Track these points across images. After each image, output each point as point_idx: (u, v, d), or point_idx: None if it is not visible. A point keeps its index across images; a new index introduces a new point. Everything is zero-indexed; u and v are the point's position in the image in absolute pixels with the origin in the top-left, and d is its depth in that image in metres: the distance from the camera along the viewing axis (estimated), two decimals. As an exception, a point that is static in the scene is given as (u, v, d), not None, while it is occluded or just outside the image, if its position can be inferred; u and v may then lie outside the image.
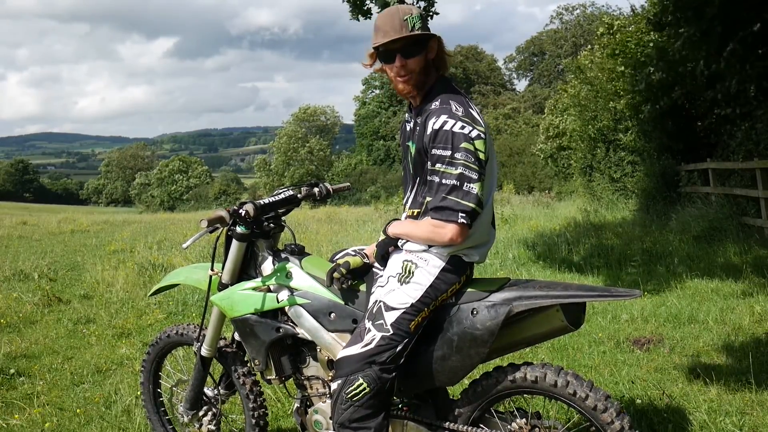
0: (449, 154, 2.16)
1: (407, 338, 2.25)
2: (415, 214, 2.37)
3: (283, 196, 2.73)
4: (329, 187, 2.95)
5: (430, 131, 2.21)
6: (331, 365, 2.48)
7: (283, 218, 2.75)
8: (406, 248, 2.34)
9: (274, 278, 2.58)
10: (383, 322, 2.24)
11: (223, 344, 2.89)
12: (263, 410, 2.87)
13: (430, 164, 2.22)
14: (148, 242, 11.11)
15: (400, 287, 2.27)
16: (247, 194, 50.24)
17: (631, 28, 13.66)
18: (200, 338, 2.84)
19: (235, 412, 3.48)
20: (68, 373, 4.52)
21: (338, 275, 2.39)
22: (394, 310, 2.24)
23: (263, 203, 2.61)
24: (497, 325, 2.20)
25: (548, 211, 16.85)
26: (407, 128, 2.43)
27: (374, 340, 2.23)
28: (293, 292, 2.53)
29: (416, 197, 2.39)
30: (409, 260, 2.30)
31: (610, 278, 6.96)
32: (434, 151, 2.19)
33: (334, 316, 2.47)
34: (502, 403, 2.41)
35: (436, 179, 2.20)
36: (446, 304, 2.31)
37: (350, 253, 2.60)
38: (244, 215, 2.51)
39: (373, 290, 2.38)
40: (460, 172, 2.15)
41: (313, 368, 2.60)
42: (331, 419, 2.36)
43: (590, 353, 4.45)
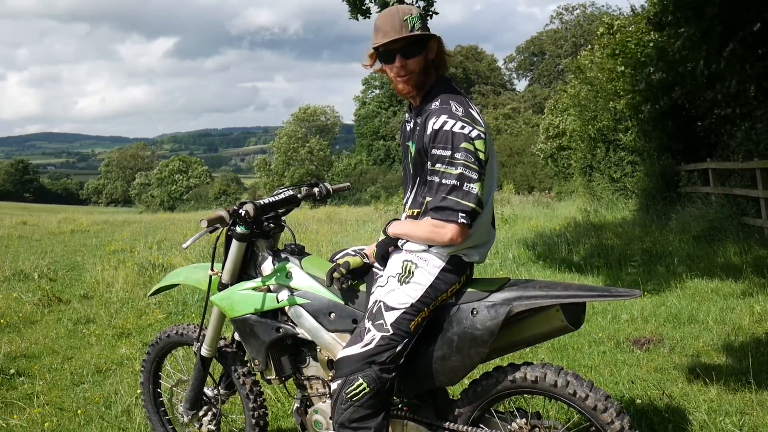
0: (449, 154, 2.16)
1: (407, 338, 2.25)
2: (415, 214, 2.37)
3: (283, 196, 2.73)
4: (329, 187, 2.95)
5: (430, 131, 2.21)
6: (331, 365, 2.48)
7: (283, 218, 2.75)
8: (406, 248, 2.34)
9: (274, 278, 2.58)
10: (383, 322, 2.24)
11: (223, 344, 2.89)
12: (263, 410, 2.87)
13: (430, 164, 2.22)
14: (148, 242, 11.12)
15: (400, 287, 2.27)
16: (247, 194, 50.24)
17: (631, 28, 13.66)
18: (200, 338, 2.84)
19: (235, 412, 3.48)
20: (68, 373, 4.52)
21: (338, 275, 2.40)
22: (394, 310, 2.24)
23: (263, 203, 2.61)
24: (497, 325, 2.20)
25: (548, 211, 16.85)
26: (407, 128, 2.43)
27: (374, 340, 2.23)
28: (293, 292, 2.53)
29: (416, 197, 2.38)
30: (409, 260, 2.30)
31: (610, 278, 6.96)
32: (434, 151, 2.19)
33: (334, 316, 2.47)
34: (502, 403, 2.41)
35: (436, 179, 2.19)
36: (446, 304, 2.31)
37: (350, 253, 2.61)
38: (244, 215, 2.51)
39: (373, 290, 2.38)
40: (460, 172, 2.15)
41: (313, 368, 2.60)
42: (331, 419, 2.36)
43: (590, 353, 4.45)
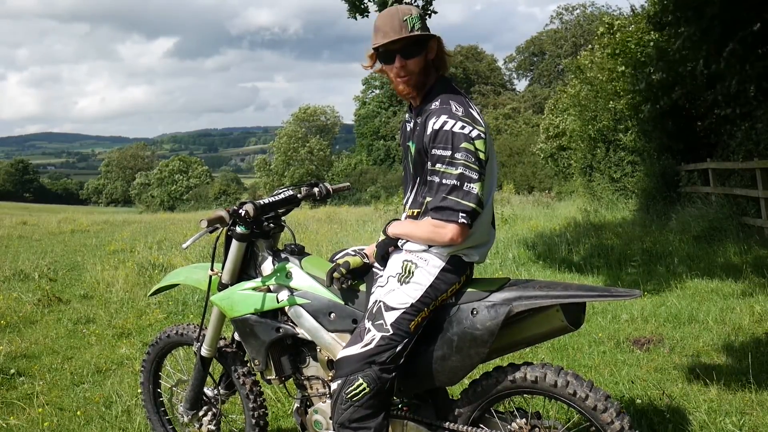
0: (449, 154, 2.16)
1: (407, 338, 2.25)
2: (415, 214, 2.37)
3: (282, 196, 2.73)
4: (329, 187, 2.95)
5: (430, 131, 2.21)
6: (331, 365, 2.48)
7: (283, 218, 2.75)
8: (406, 248, 2.34)
9: (274, 278, 2.58)
10: (383, 322, 2.24)
11: (223, 344, 2.89)
12: (263, 410, 2.87)
13: (430, 164, 2.22)
14: (148, 242, 11.12)
15: (399, 287, 2.27)
16: (247, 194, 50.24)
17: (631, 27, 13.66)
18: (200, 338, 2.84)
19: (235, 412, 3.48)
20: (68, 373, 4.52)
21: (338, 275, 2.40)
22: (394, 310, 2.24)
23: (263, 203, 2.60)
24: (497, 325, 2.20)
25: (548, 211, 16.85)
26: (407, 128, 2.43)
27: (374, 340, 2.23)
28: (293, 292, 2.53)
29: (416, 197, 2.38)
30: (409, 260, 2.30)
31: (610, 278, 6.96)
32: (434, 151, 2.19)
33: (334, 316, 2.47)
34: (502, 403, 2.41)
35: (436, 179, 2.19)
36: (446, 304, 2.31)
37: (350, 253, 2.61)
38: (243, 215, 2.51)
39: (373, 290, 2.38)
40: (460, 172, 2.15)
41: (313, 368, 2.60)
42: (331, 419, 2.36)
43: (590, 353, 4.45)
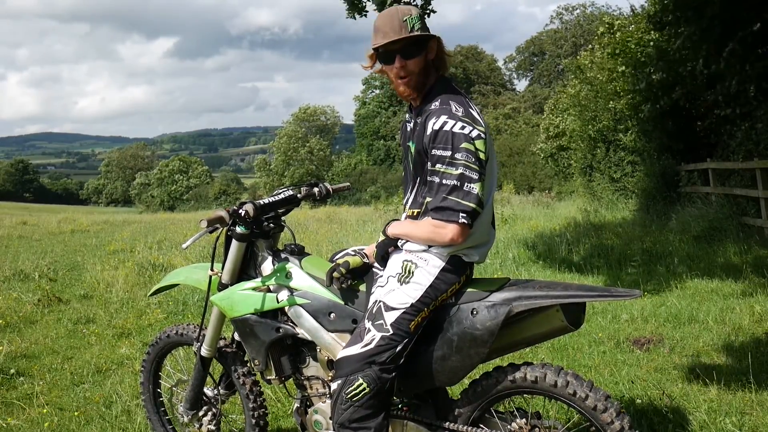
0: (449, 154, 2.16)
1: (407, 338, 2.25)
2: (415, 214, 2.37)
3: (282, 196, 2.73)
4: (329, 187, 2.95)
5: (430, 132, 2.21)
6: (331, 365, 2.48)
7: (282, 218, 2.75)
8: (406, 248, 2.34)
9: (273, 278, 2.58)
10: (383, 322, 2.24)
11: (223, 344, 2.89)
12: (263, 410, 2.87)
13: (430, 165, 2.22)
14: (148, 242, 11.12)
15: (399, 287, 2.27)
16: (247, 194, 50.24)
17: (631, 27, 13.66)
18: (200, 338, 2.84)
19: (235, 412, 3.48)
20: (68, 373, 4.52)
21: (338, 275, 2.39)
22: (393, 310, 2.24)
23: (263, 203, 2.60)
24: (497, 325, 2.20)
25: (548, 211, 16.85)
26: (407, 128, 2.43)
27: (374, 340, 2.23)
28: (293, 292, 2.53)
29: (416, 197, 2.38)
30: (408, 260, 2.30)
31: (610, 278, 6.96)
32: (434, 151, 2.19)
33: (333, 316, 2.47)
34: (502, 403, 2.41)
35: (436, 179, 2.19)
36: (446, 304, 2.31)
37: (350, 253, 2.60)
38: (243, 215, 2.51)
39: (372, 290, 2.38)
40: (460, 172, 2.15)
41: (313, 368, 2.60)
42: (331, 419, 2.36)
43: (590, 353, 4.44)
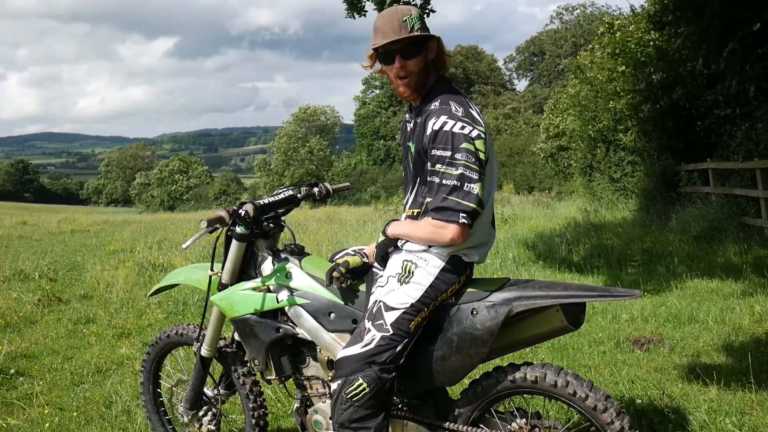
0: (449, 154, 2.16)
1: (407, 338, 2.25)
2: (415, 214, 2.37)
3: (282, 196, 2.73)
4: (329, 187, 2.95)
5: (429, 132, 2.21)
6: (330, 365, 2.48)
7: (282, 218, 2.75)
8: (405, 248, 2.34)
9: (273, 278, 2.58)
10: (383, 322, 2.24)
11: (223, 344, 2.90)
12: (263, 410, 2.87)
13: (430, 165, 2.22)
14: (148, 242, 11.12)
15: (399, 287, 2.27)
16: (247, 194, 50.24)
17: (631, 27, 13.66)
18: (200, 338, 2.84)
19: (235, 412, 3.48)
20: (68, 373, 4.52)
21: (337, 274, 2.39)
22: (393, 310, 2.24)
23: (263, 203, 2.60)
24: (497, 325, 2.20)
25: (548, 211, 16.85)
26: (408, 128, 2.43)
27: (374, 340, 2.23)
28: (293, 292, 2.53)
29: (416, 197, 2.38)
30: (408, 260, 2.30)
31: (610, 278, 6.96)
32: (434, 151, 2.19)
33: (333, 316, 2.47)
34: (502, 403, 2.40)
35: (436, 180, 2.19)
36: (446, 304, 2.31)
37: (350, 253, 2.60)
38: (243, 215, 2.51)
39: (372, 290, 2.38)
40: (460, 172, 2.15)
41: (313, 368, 2.60)
42: (331, 419, 2.36)
43: (590, 353, 4.44)
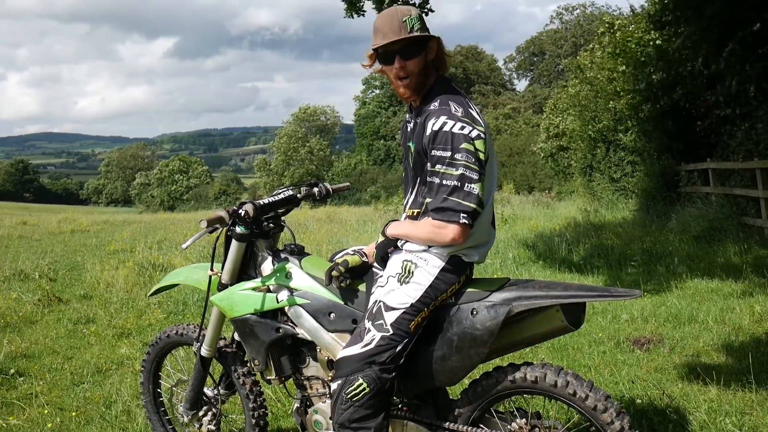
0: (449, 155, 2.16)
1: (407, 338, 2.25)
2: (415, 214, 2.37)
3: (282, 196, 2.73)
4: (329, 187, 2.95)
5: (429, 132, 2.21)
6: (330, 365, 2.48)
7: (282, 218, 2.75)
8: (405, 248, 2.34)
9: (273, 278, 2.58)
10: (383, 322, 2.24)
11: (223, 344, 2.90)
12: (263, 410, 2.87)
13: (429, 165, 2.22)
14: (148, 242, 11.11)
15: (399, 287, 2.27)
16: (247, 194, 50.23)
17: (631, 27, 13.66)
18: (200, 338, 2.84)
19: (235, 412, 3.48)
20: (68, 373, 4.52)
21: (336, 273, 2.40)
22: (393, 310, 2.24)
23: (263, 203, 2.60)
24: (497, 325, 2.20)
25: (548, 211, 16.85)
26: (408, 128, 2.43)
27: (374, 340, 2.23)
28: (293, 292, 2.53)
29: (417, 197, 2.38)
30: (408, 260, 2.30)
31: (610, 278, 6.96)
32: (434, 152, 2.19)
33: (333, 316, 2.47)
34: (502, 403, 2.41)
35: (436, 180, 2.19)
36: (446, 304, 2.31)
37: (349, 252, 2.61)
38: (243, 215, 2.51)
39: (372, 290, 2.38)
40: (461, 173, 2.15)
41: (312, 368, 2.60)
42: (331, 419, 2.36)
43: (590, 353, 4.44)
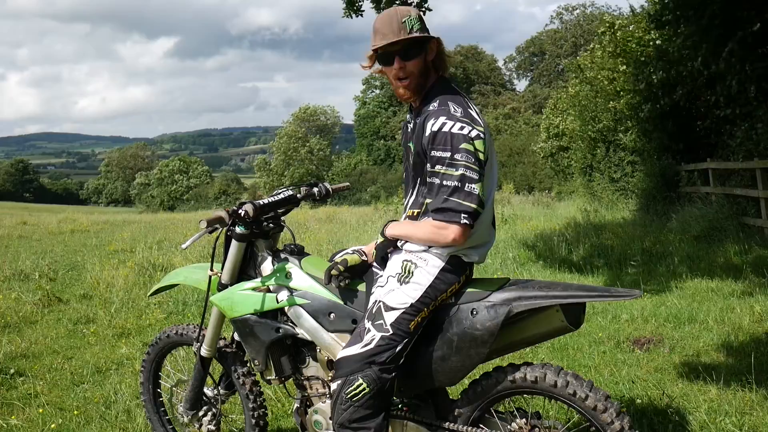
0: (449, 155, 2.16)
1: (407, 338, 2.25)
2: (415, 214, 2.37)
3: (282, 196, 2.73)
4: (329, 187, 2.95)
5: (428, 133, 2.20)
6: (330, 365, 2.48)
7: (282, 218, 2.75)
8: (405, 248, 2.34)
9: (273, 278, 2.58)
10: (383, 322, 2.24)
11: (223, 344, 2.90)
12: (263, 410, 2.87)
13: (429, 166, 2.22)
14: (148, 242, 11.10)
15: (399, 287, 2.27)
16: (247, 194, 50.19)
17: (631, 27, 13.67)
18: (200, 338, 2.84)
19: (235, 412, 3.48)
20: (68, 373, 4.52)
21: (335, 272, 2.40)
22: (393, 310, 2.24)
23: (263, 203, 2.60)
24: (497, 325, 2.20)
25: (548, 211, 16.85)
26: (408, 129, 2.43)
27: (374, 340, 2.23)
28: (293, 292, 2.53)
29: (417, 198, 2.38)
30: (408, 260, 2.30)
31: (610, 278, 6.96)
32: (434, 152, 2.19)
33: (333, 316, 2.47)
34: (502, 403, 2.41)
35: (436, 181, 2.19)
36: (446, 304, 2.31)
37: (349, 252, 2.61)
38: (243, 215, 2.51)
39: (372, 290, 2.38)
40: (461, 173, 2.15)
41: (312, 368, 2.60)
42: (330, 419, 2.36)
43: (590, 353, 4.45)
